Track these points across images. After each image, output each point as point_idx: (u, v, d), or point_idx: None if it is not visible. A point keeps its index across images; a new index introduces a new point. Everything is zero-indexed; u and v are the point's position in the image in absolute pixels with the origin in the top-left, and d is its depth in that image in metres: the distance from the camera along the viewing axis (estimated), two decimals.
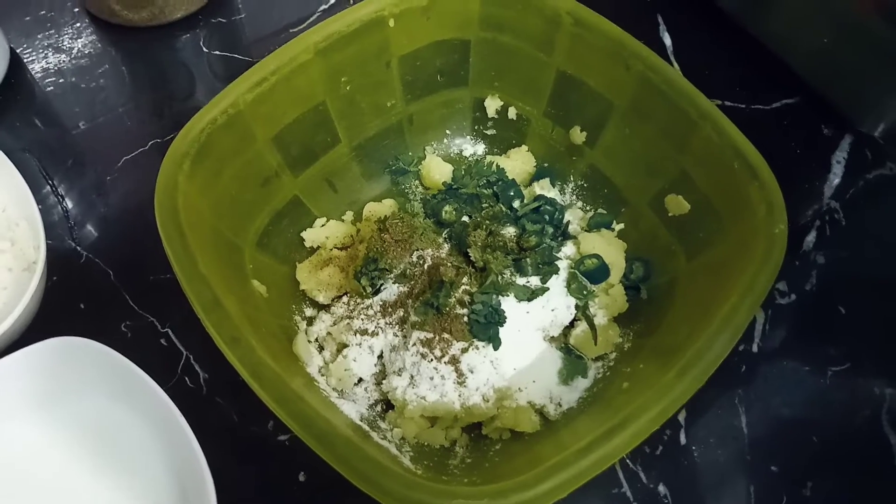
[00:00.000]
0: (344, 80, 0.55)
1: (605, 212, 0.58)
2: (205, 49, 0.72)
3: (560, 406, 0.50)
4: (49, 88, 0.70)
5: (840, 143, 0.64)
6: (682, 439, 0.52)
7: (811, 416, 0.53)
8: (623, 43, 0.52)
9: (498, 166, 0.58)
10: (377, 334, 0.51)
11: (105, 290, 0.58)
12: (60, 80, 0.70)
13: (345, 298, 0.53)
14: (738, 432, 0.52)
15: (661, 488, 0.50)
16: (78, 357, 0.48)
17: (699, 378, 0.41)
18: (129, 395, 0.49)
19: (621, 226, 0.57)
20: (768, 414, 0.53)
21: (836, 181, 0.62)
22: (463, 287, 0.50)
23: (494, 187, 0.57)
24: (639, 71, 0.52)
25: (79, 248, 0.60)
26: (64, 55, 0.72)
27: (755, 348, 0.55)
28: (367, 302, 0.52)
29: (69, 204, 0.63)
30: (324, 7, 0.75)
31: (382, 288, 0.51)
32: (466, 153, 0.63)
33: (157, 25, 0.72)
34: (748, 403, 0.53)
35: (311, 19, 0.75)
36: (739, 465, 0.51)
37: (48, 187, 0.64)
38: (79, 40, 0.73)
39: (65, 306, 0.57)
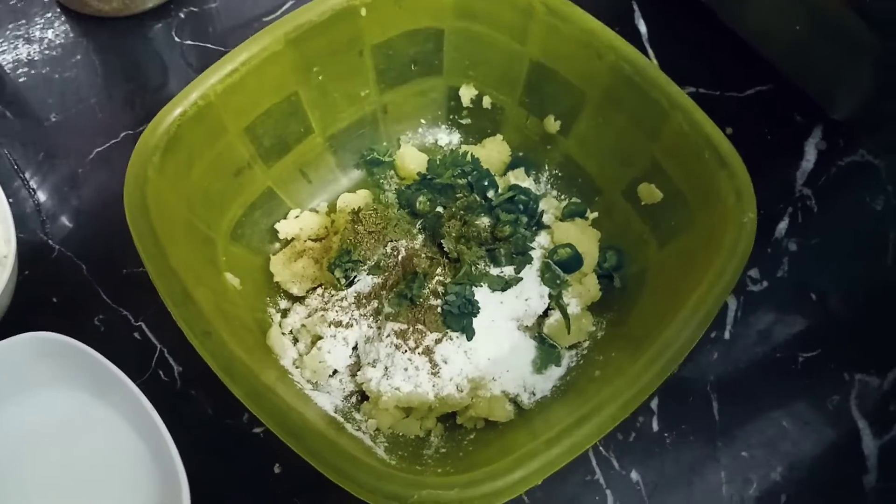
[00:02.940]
0: (316, 70, 0.55)
1: (579, 201, 0.58)
2: (177, 39, 0.71)
3: (534, 395, 0.50)
4: (20, 80, 0.69)
5: (812, 131, 0.64)
6: (655, 426, 0.52)
7: (782, 402, 0.54)
8: (596, 33, 0.52)
9: (473, 156, 0.58)
10: (351, 326, 0.51)
11: (78, 284, 0.58)
12: (31, 71, 0.69)
13: (319, 290, 0.53)
14: (710, 418, 0.53)
15: (634, 475, 0.51)
16: (49, 353, 0.48)
17: (668, 366, 0.42)
18: (102, 390, 0.49)
19: (595, 215, 0.57)
20: (740, 400, 0.54)
21: (809, 168, 0.63)
22: (437, 278, 0.50)
23: (469, 177, 0.57)
24: (611, 61, 0.52)
25: (51, 241, 0.60)
26: (34, 46, 0.71)
27: (727, 335, 0.56)
28: (342, 294, 0.52)
29: (41, 197, 0.62)
30: None
31: (356, 280, 0.51)
32: (441, 143, 0.62)
33: (129, 15, 0.71)
34: (720, 390, 0.54)
35: (286, 7, 0.74)
36: (711, 451, 0.52)
37: (19, 180, 0.63)
38: (49, 30, 0.72)
39: (37, 300, 0.57)
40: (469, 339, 0.49)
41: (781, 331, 0.56)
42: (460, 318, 0.49)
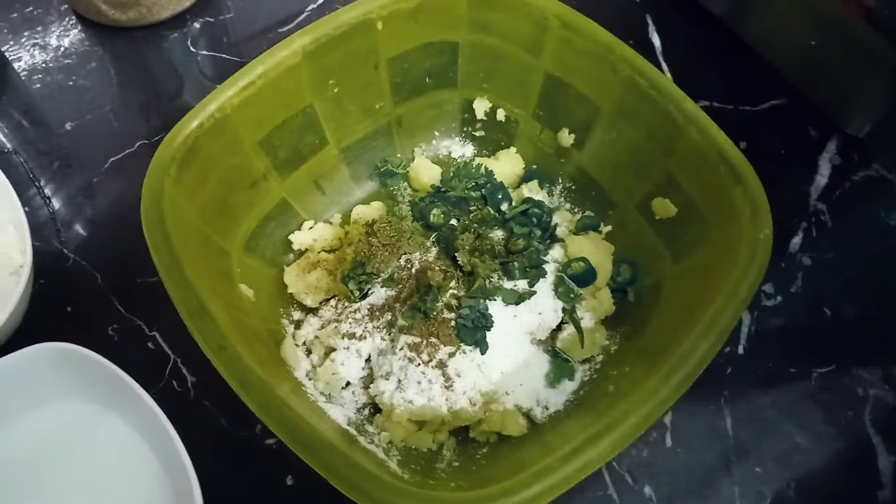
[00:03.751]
0: (332, 83, 0.55)
1: (592, 214, 0.58)
2: (192, 49, 0.71)
3: (547, 409, 0.50)
4: (36, 86, 0.70)
5: (826, 145, 0.64)
6: (668, 441, 0.52)
7: (795, 418, 0.53)
8: (610, 47, 0.52)
9: (486, 168, 0.58)
10: (365, 338, 0.51)
11: (92, 294, 0.58)
12: (47, 79, 0.70)
13: (332, 302, 0.53)
14: (724, 433, 0.53)
15: (647, 490, 0.51)
16: (63, 363, 0.48)
17: (684, 382, 0.41)
18: (116, 400, 0.49)
19: (608, 228, 0.57)
20: (753, 415, 0.53)
21: (823, 182, 0.63)
22: (450, 291, 0.50)
23: (482, 190, 0.57)
24: (626, 75, 0.52)
25: (66, 250, 0.60)
26: (51, 54, 0.72)
27: (741, 350, 0.56)
28: (355, 306, 0.52)
29: (56, 206, 0.63)
30: (312, 6, 0.75)
31: (370, 292, 0.51)
32: (455, 155, 0.63)
33: (145, 25, 0.72)
34: (733, 405, 0.54)
35: (300, 18, 0.74)
36: (724, 467, 0.52)
37: (34, 189, 0.63)
38: (66, 39, 0.73)
39: (52, 310, 0.57)
40: (483, 352, 0.49)
41: (795, 346, 0.56)
42: (474, 331, 0.49)
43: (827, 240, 0.60)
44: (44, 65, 0.71)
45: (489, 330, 0.49)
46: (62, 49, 0.72)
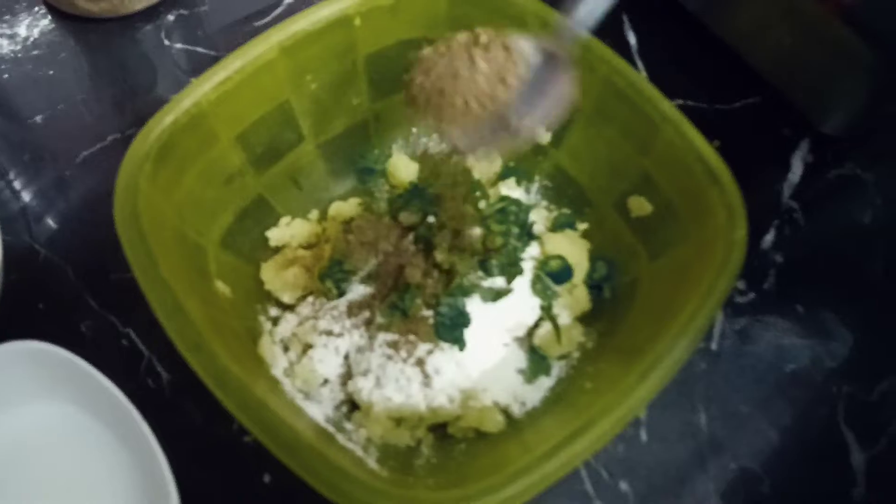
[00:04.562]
0: (309, 79, 0.55)
1: (569, 212, 0.58)
2: (167, 41, 0.70)
3: (524, 405, 0.50)
4: (4, 77, 0.68)
5: (800, 144, 0.65)
6: (643, 436, 0.53)
7: (769, 414, 0.54)
8: (588, 46, 0.52)
9: (463, 166, 0.58)
10: (343, 335, 0.51)
11: (64, 290, 0.57)
12: (16, 70, 0.68)
13: (310, 298, 0.53)
14: (698, 429, 0.53)
15: (623, 485, 0.51)
16: (34, 362, 0.48)
17: (661, 381, 0.42)
18: (89, 400, 0.48)
19: (585, 226, 0.57)
20: (727, 411, 0.54)
21: (796, 181, 0.64)
22: (429, 289, 0.50)
23: (459, 188, 0.57)
24: (603, 74, 0.52)
25: (37, 245, 0.59)
26: (20, 44, 0.70)
27: (714, 346, 0.56)
28: (333, 303, 0.52)
29: (26, 199, 0.62)
30: (288, 0, 0.74)
31: (348, 290, 0.51)
32: (433, 151, 0.62)
33: (118, 17, 0.71)
34: (707, 401, 0.54)
35: (277, 11, 0.73)
36: (699, 462, 0.52)
37: (3, 182, 0.62)
38: (35, 29, 0.71)
39: (23, 306, 0.56)
40: (461, 349, 0.49)
41: (768, 342, 0.57)
42: (452, 328, 0.49)
43: (800, 238, 0.61)
44: (13, 55, 0.69)
45: (467, 327, 0.49)
46: (32, 40, 0.71)
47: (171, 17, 0.72)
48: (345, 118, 0.59)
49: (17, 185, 0.62)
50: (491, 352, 0.51)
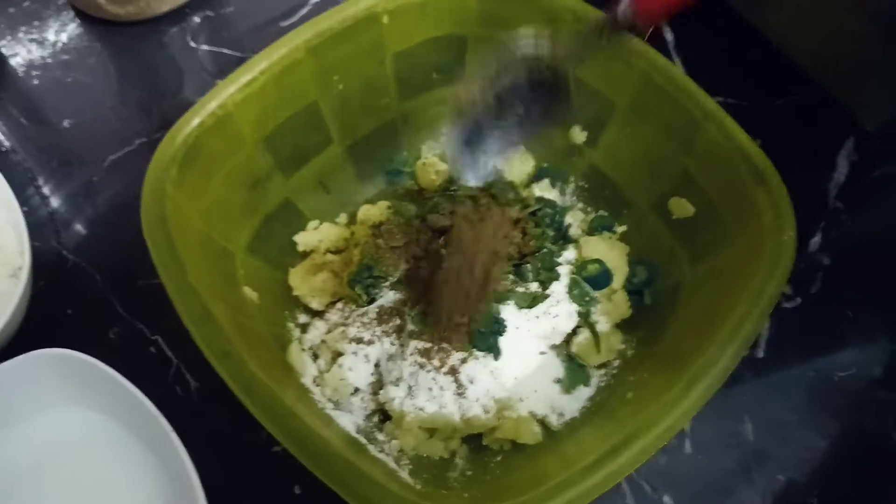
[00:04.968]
0: (336, 79, 0.53)
1: (606, 214, 0.56)
2: (193, 44, 0.70)
3: (562, 416, 0.49)
4: (34, 83, 0.68)
5: (845, 142, 0.62)
6: (688, 448, 0.51)
7: (817, 423, 0.52)
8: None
9: (495, 167, 0.56)
10: (373, 343, 0.49)
11: (93, 296, 0.56)
12: (45, 76, 0.68)
13: (339, 304, 0.52)
14: (744, 440, 0.51)
15: (667, 499, 0.49)
16: (63, 369, 0.47)
17: (707, 392, 0.40)
18: (117, 407, 0.48)
19: (623, 228, 0.56)
20: (774, 421, 0.52)
21: (841, 181, 0.61)
22: None
23: (492, 189, 0.55)
24: (640, 69, 0.50)
25: (65, 251, 0.59)
26: (49, 49, 0.70)
27: (760, 353, 0.54)
28: (363, 309, 0.50)
29: (55, 205, 0.61)
30: (315, 0, 0.73)
31: (378, 297, 0.50)
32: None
33: (144, 20, 0.70)
34: (753, 410, 0.52)
35: (303, 11, 0.72)
36: (745, 474, 0.50)
37: (33, 188, 0.62)
38: (63, 34, 0.71)
39: (52, 313, 0.55)
40: (496, 358, 0.47)
41: (815, 349, 0.54)
42: (486, 336, 0.47)
43: (846, 239, 0.58)
44: (42, 61, 0.69)
45: (502, 335, 0.48)
46: (60, 45, 0.70)
47: (196, 19, 0.71)
48: (373, 119, 0.57)
49: (45, 190, 0.62)
50: (527, 360, 0.49)
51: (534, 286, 0.50)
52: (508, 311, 0.49)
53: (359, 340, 0.49)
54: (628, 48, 0.50)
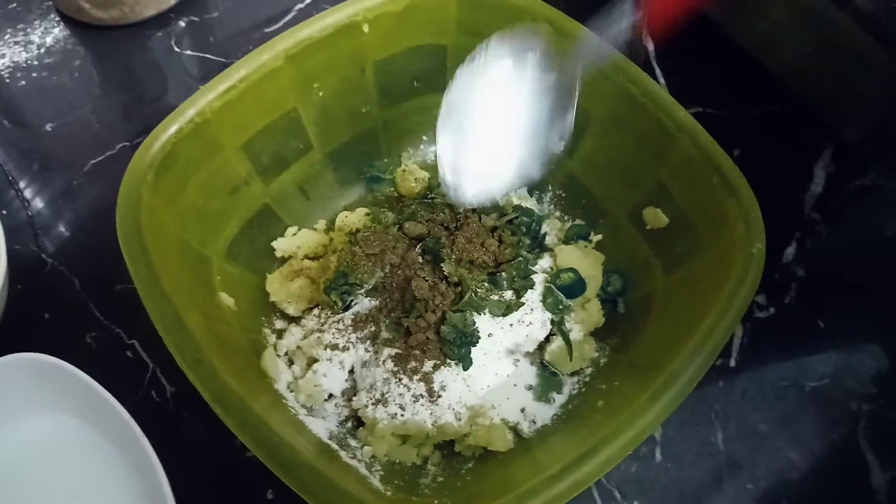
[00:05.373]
0: (316, 86, 0.54)
1: (582, 223, 0.57)
2: (177, 48, 0.70)
3: (534, 423, 0.49)
4: (17, 85, 0.68)
5: (822, 154, 0.63)
6: (658, 456, 0.51)
7: (788, 433, 0.52)
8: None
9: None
10: (348, 349, 0.50)
11: (70, 300, 0.57)
12: (29, 78, 0.68)
13: (316, 311, 0.52)
14: (715, 448, 0.52)
15: None
16: (38, 374, 0.47)
17: (675, 399, 0.40)
18: (90, 412, 0.48)
19: (599, 237, 0.56)
20: (745, 430, 0.52)
21: (818, 191, 0.61)
22: (436, 302, 0.49)
23: None
24: (618, 81, 0.51)
25: (44, 255, 0.59)
26: (33, 52, 0.70)
27: (732, 363, 0.55)
28: (339, 315, 0.51)
29: (35, 209, 0.61)
30: (300, 5, 0.73)
31: (353, 303, 0.50)
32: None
33: (128, 24, 0.70)
34: (725, 419, 0.52)
35: (288, 18, 0.73)
36: (716, 483, 0.50)
37: (13, 191, 0.62)
38: (48, 37, 0.71)
39: (29, 316, 0.55)
40: (465, 368, 0.48)
41: (788, 359, 0.55)
42: (459, 346, 0.47)
43: (821, 250, 0.59)
44: (25, 63, 0.69)
45: (474, 346, 0.48)
46: (44, 48, 0.71)
47: (181, 24, 0.71)
48: (353, 126, 0.58)
49: (26, 193, 0.62)
50: (500, 368, 0.49)
51: (508, 294, 0.50)
52: (482, 319, 0.49)
53: (334, 347, 0.50)
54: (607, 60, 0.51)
